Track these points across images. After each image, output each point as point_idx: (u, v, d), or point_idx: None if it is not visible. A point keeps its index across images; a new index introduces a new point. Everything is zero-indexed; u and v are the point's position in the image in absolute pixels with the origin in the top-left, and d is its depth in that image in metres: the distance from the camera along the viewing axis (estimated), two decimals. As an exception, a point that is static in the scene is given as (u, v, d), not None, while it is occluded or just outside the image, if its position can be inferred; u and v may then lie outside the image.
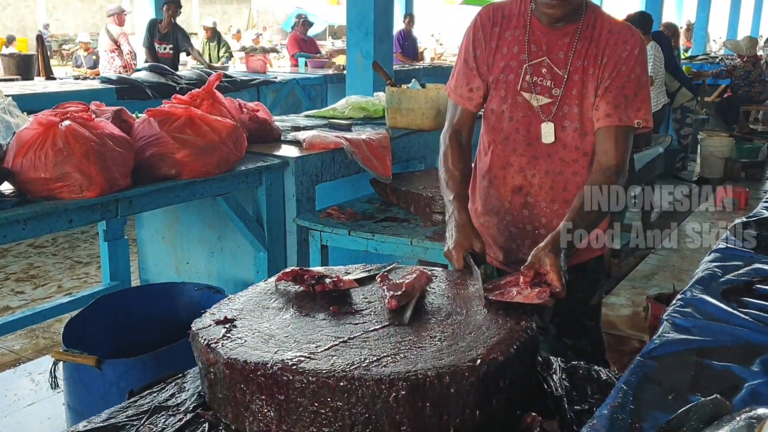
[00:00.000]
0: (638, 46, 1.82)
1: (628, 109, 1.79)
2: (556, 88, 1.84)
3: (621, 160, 1.79)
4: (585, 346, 2.00)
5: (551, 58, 1.84)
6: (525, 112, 1.88)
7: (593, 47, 1.82)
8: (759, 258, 1.76)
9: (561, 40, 1.84)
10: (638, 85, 1.80)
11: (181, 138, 2.70)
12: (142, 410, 1.36)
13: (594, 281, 2.03)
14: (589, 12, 1.85)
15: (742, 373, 1.20)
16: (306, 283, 1.59)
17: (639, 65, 1.81)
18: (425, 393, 1.20)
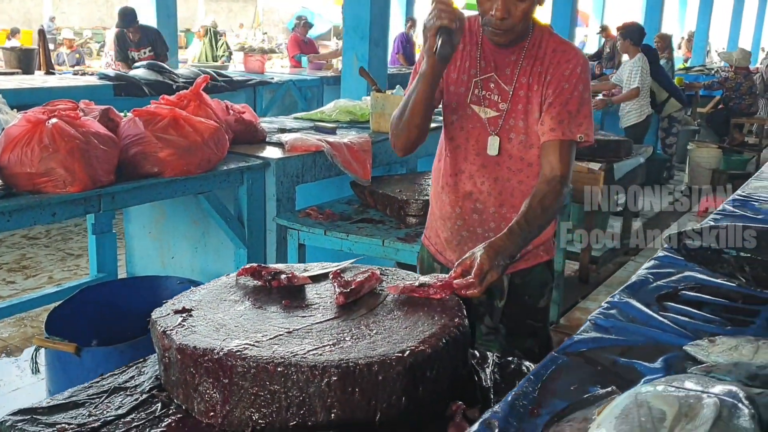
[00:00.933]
0: (581, 65, 1.93)
1: (571, 124, 1.90)
2: (503, 102, 1.97)
3: (564, 171, 1.90)
4: (532, 347, 2.11)
5: (499, 74, 1.97)
6: (474, 123, 2.01)
7: (538, 65, 1.94)
8: (692, 266, 1.88)
9: (508, 57, 1.96)
10: (581, 102, 1.91)
11: (165, 138, 2.83)
12: (103, 390, 1.49)
13: (541, 285, 2.14)
14: (537, 32, 1.97)
15: (643, 369, 1.32)
16: (263, 278, 1.71)
17: (582, 83, 1.92)
18: (355, 380, 1.32)
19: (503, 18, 1.83)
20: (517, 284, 2.11)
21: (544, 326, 2.18)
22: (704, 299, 1.69)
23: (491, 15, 1.84)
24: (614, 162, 4.85)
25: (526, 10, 1.85)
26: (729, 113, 9.59)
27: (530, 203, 1.85)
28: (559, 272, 4.24)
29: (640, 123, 6.49)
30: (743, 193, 2.79)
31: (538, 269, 2.12)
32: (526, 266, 2.09)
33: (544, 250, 2.12)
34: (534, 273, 2.11)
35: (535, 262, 2.11)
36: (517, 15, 1.84)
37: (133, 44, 7.64)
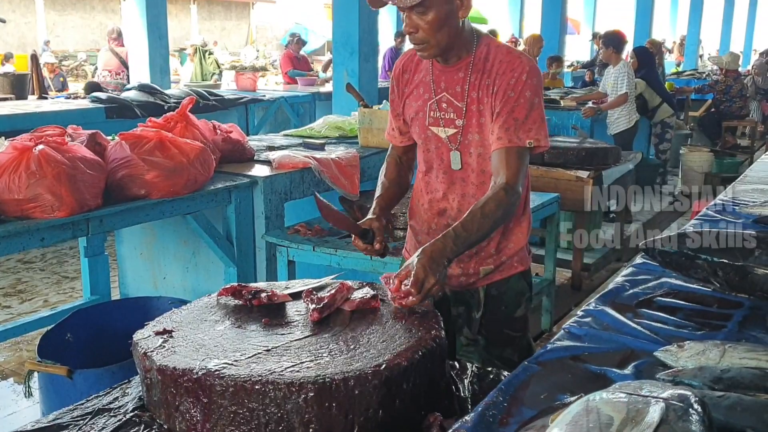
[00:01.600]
0: (526, 72, 1.92)
1: (518, 131, 1.91)
2: (459, 119, 2.01)
3: (512, 179, 1.89)
4: (511, 356, 2.14)
5: (450, 92, 2.01)
6: (437, 143, 2.07)
7: (485, 78, 1.96)
8: (668, 273, 1.91)
9: (456, 75, 2.00)
10: (529, 108, 1.91)
11: (151, 160, 2.87)
12: (87, 412, 1.51)
13: (518, 295, 2.16)
14: (482, 45, 1.99)
15: (614, 375, 1.34)
16: (244, 297, 1.74)
17: (529, 89, 1.92)
18: (331, 394, 1.34)
19: (411, 32, 1.88)
20: (494, 295, 2.14)
21: (523, 335, 2.20)
22: (679, 305, 1.72)
23: (405, 31, 1.91)
24: (603, 169, 4.88)
25: (432, 22, 1.85)
26: (720, 116, 9.64)
27: (472, 209, 1.87)
28: (550, 280, 4.27)
29: (629, 129, 6.53)
30: (726, 197, 2.83)
31: (514, 280, 2.15)
32: (500, 277, 2.13)
33: (518, 261, 2.14)
34: (509, 284, 2.15)
35: (509, 273, 2.14)
36: (425, 27, 1.86)
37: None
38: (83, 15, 25.47)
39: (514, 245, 2.11)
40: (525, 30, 13.06)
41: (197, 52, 9.82)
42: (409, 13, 1.86)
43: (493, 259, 2.11)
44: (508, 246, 2.12)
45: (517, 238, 2.12)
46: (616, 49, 6.49)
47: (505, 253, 2.11)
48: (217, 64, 10.14)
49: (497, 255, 2.11)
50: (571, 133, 6.20)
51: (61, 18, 25.21)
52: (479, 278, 2.13)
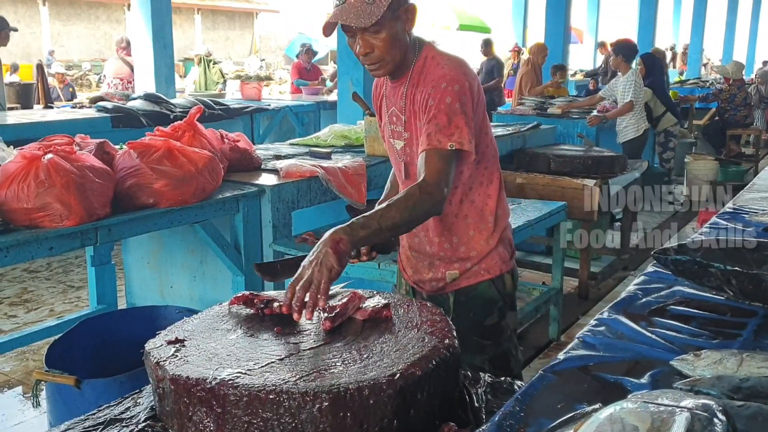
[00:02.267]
0: (446, 80, 1.93)
1: (438, 134, 1.91)
2: (405, 131, 2.08)
3: (429, 176, 1.88)
4: (481, 363, 2.14)
5: (397, 107, 2.08)
6: (395, 155, 2.17)
7: (418, 92, 2.00)
8: (681, 281, 1.90)
9: (399, 90, 2.06)
10: (451, 113, 1.91)
11: (159, 169, 2.87)
12: (98, 422, 1.50)
13: (487, 303, 2.17)
14: (421, 58, 2.02)
15: (630, 385, 1.33)
16: (255, 306, 1.73)
17: (449, 95, 1.92)
18: (346, 404, 1.33)
19: (367, 53, 1.91)
20: (462, 301, 2.18)
21: (494, 344, 2.19)
22: (692, 313, 1.70)
23: (358, 54, 1.93)
24: (609, 177, 4.88)
25: (386, 40, 1.90)
26: (725, 125, 9.64)
27: (392, 198, 1.88)
28: (558, 289, 4.26)
29: (637, 138, 6.53)
30: (734, 206, 2.82)
31: (482, 287, 2.16)
32: (467, 284, 2.17)
33: (485, 269, 2.16)
34: (477, 291, 2.17)
35: (476, 280, 2.16)
36: (380, 46, 1.90)
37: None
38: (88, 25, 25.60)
39: (477, 253, 2.14)
40: (528, 39, 13.08)
41: (202, 62, 9.86)
42: (362, 35, 1.90)
43: (458, 265, 2.16)
44: (469, 253, 2.15)
45: (477, 246, 2.15)
46: (626, 58, 6.50)
47: (468, 260, 2.15)
48: (221, 74, 10.17)
49: (460, 261, 2.16)
50: (577, 142, 6.20)
51: (66, 28, 25.33)
52: (447, 283, 2.18)
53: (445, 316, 1.70)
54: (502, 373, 2.09)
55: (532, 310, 4.04)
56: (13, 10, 22.57)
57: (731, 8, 21.03)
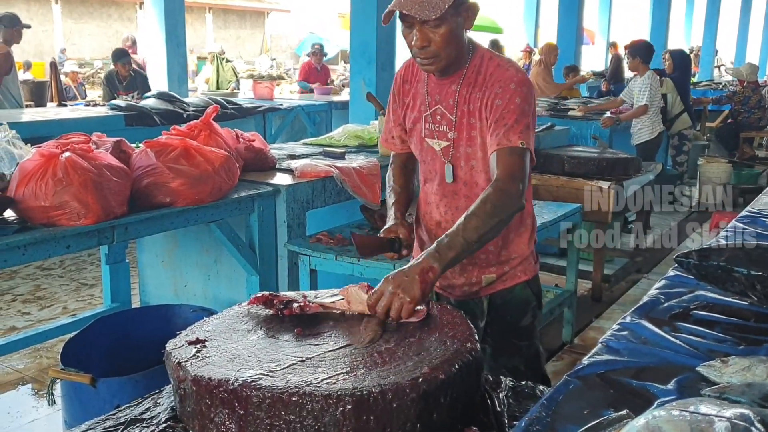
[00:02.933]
0: (513, 81, 1.92)
1: (508, 133, 1.88)
2: (451, 131, 2.03)
3: (502, 175, 1.86)
4: (518, 365, 2.14)
5: (443, 105, 2.03)
6: (432, 155, 2.10)
7: (477, 91, 1.96)
8: (703, 286, 1.88)
9: (449, 88, 2.01)
10: (519, 114, 1.90)
11: (176, 168, 2.87)
12: (119, 422, 1.50)
13: (523, 305, 2.16)
14: (476, 58, 1.99)
15: (656, 391, 1.32)
16: (275, 307, 1.72)
17: (518, 95, 1.90)
18: (369, 407, 1.32)
19: (423, 46, 1.87)
20: (498, 305, 2.16)
21: (529, 344, 2.20)
22: (716, 318, 1.69)
23: (414, 46, 1.89)
24: (623, 180, 4.85)
25: (445, 35, 1.85)
26: (738, 127, 9.58)
27: (469, 208, 1.84)
28: (572, 291, 4.23)
29: (652, 140, 6.48)
30: (753, 209, 2.79)
31: (518, 289, 2.15)
32: (503, 287, 2.14)
33: (522, 271, 2.14)
34: (514, 293, 2.15)
35: (513, 282, 2.15)
36: (437, 41, 1.86)
37: (122, 88, 7.71)
38: (100, 23, 25.68)
39: (517, 255, 2.12)
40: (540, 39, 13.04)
41: (215, 60, 9.90)
42: (421, 27, 1.85)
43: (496, 268, 2.12)
44: (511, 256, 2.12)
45: (518, 248, 2.13)
46: (643, 60, 6.45)
47: (507, 263, 2.12)
48: (234, 72, 10.19)
49: (499, 264, 2.12)
50: (591, 143, 6.17)
51: (78, 26, 25.41)
52: (482, 287, 2.14)
53: (465, 319, 1.69)
54: (536, 372, 2.09)
55: (546, 312, 4.02)
56: (26, 8, 22.66)
57: (744, 9, 20.91)
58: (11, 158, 2.73)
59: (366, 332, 1.61)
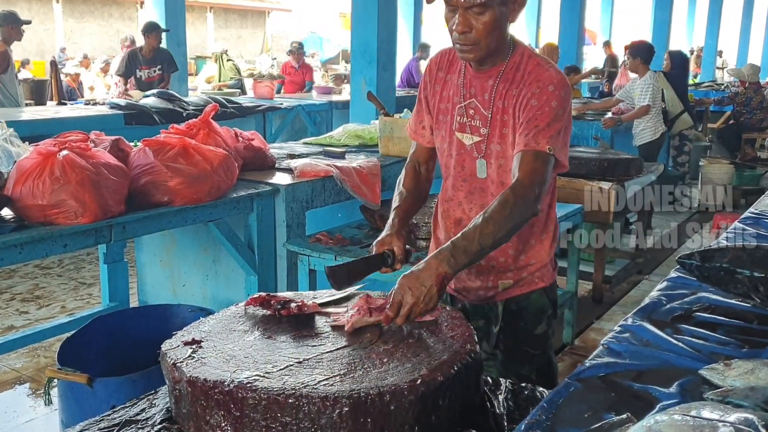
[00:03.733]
0: (552, 83, 1.86)
1: (537, 136, 1.83)
2: (484, 127, 1.96)
3: (523, 178, 1.81)
4: (529, 373, 2.08)
5: (478, 99, 1.95)
6: (459, 150, 2.01)
7: (514, 88, 1.90)
8: (705, 287, 1.86)
9: (486, 82, 1.94)
10: (553, 118, 1.84)
11: (174, 167, 2.85)
12: (114, 423, 1.48)
13: (538, 312, 2.10)
14: (517, 54, 1.93)
15: (658, 394, 1.30)
16: (272, 307, 1.70)
17: (554, 99, 1.85)
18: (366, 410, 1.30)
19: (464, 32, 1.80)
20: (513, 310, 2.09)
21: (542, 353, 2.14)
22: (718, 321, 1.67)
23: (455, 30, 1.82)
24: (625, 180, 4.83)
25: (488, 24, 1.79)
26: (740, 128, 9.55)
27: (485, 210, 1.78)
28: (572, 293, 4.21)
29: (654, 141, 6.45)
30: (756, 211, 2.77)
31: (535, 296, 2.09)
32: (520, 293, 2.08)
33: (540, 277, 2.08)
34: (530, 300, 2.08)
35: (529, 288, 2.08)
36: (479, 28, 1.79)
37: (144, 62, 7.73)
38: (101, 22, 25.65)
39: (537, 261, 2.06)
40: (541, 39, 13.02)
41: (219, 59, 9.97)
42: (465, 12, 1.78)
43: (513, 274, 2.06)
44: (530, 262, 2.06)
45: (539, 255, 2.06)
46: (644, 60, 6.42)
47: (526, 269, 2.06)
48: (236, 70, 10.24)
49: (517, 270, 2.06)
50: (592, 144, 6.15)
51: (79, 25, 25.37)
52: (498, 292, 2.08)
53: (465, 320, 1.67)
54: (547, 382, 2.02)
55: (546, 313, 4.00)
56: (27, 7, 22.65)
57: (746, 10, 20.87)
58: (8, 156, 2.71)
59: (364, 333, 1.59)
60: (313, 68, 12.08)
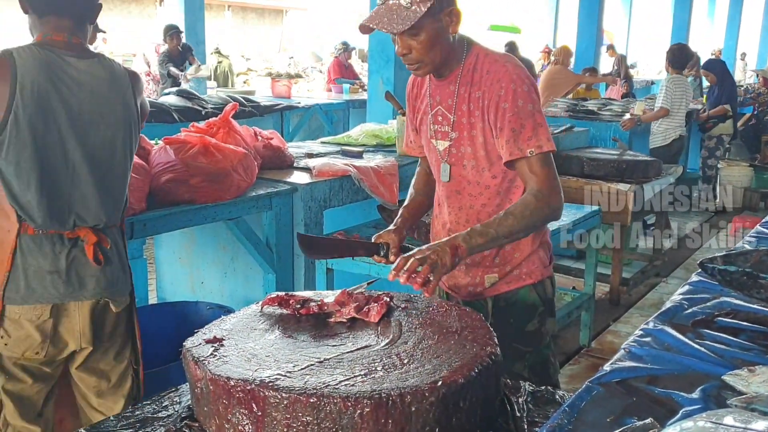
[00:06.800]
0: (512, 80, 1.91)
1: (518, 142, 1.91)
2: (452, 131, 2.03)
3: (542, 184, 1.91)
4: (521, 371, 2.11)
5: (444, 106, 2.04)
6: (436, 156, 2.11)
7: (475, 90, 1.97)
8: (727, 292, 1.85)
9: (447, 88, 2.02)
10: (523, 116, 1.90)
11: (195, 165, 2.87)
12: (135, 420, 1.49)
13: (528, 309, 2.14)
14: (471, 56, 1.99)
15: (681, 399, 1.29)
16: (291, 307, 1.71)
17: (520, 97, 1.91)
18: (388, 411, 1.31)
19: (404, 54, 1.90)
20: (501, 307, 2.14)
21: (535, 350, 2.16)
22: (741, 326, 1.65)
23: (397, 53, 1.92)
24: (644, 182, 4.80)
25: (425, 42, 1.87)
26: (760, 130, 9.45)
27: (508, 208, 1.92)
28: (590, 295, 4.20)
29: (664, 146, 6.35)
30: (778, 214, 2.75)
31: (523, 293, 2.13)
32: (507, 289, 2.13)
33: (527, 273, 2.12)
34: (518, 296, 2.13)
35: (516, 285, 2.13)
36: (418, 48, 1.88)
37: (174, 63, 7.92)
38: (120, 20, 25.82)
39: (520, 255, 2.10)
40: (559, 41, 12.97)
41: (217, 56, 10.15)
42: (401, 36, 1.88)
43: (498, 269, 2.11)
44: (514, 255, 2.10)
45: (520, 246, 2.10)
46: (671, 63, 6.37)
47: (509, 263, 2.10)
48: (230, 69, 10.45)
49: (502, 265, 2.11)
50: (610, 145, 6.11)
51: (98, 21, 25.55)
52: (486, 288, 2.13)
53: (485, 323, 1.67)
54: (541, 381, 2.04)
55: (563, 315, 3.98)
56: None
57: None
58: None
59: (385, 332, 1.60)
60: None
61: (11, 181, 2.03)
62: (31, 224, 2.06)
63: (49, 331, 2.12)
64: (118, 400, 2.31)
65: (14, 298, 2.08)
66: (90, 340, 2.19)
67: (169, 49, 8.10)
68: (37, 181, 2.04)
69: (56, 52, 2.06)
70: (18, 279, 2.07)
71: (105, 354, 2.28)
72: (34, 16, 2.12)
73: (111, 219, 2.21)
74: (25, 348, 2.11)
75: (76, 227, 2.12)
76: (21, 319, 2.08)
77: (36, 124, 2.01)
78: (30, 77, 1.99)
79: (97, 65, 2.14)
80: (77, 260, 2.13)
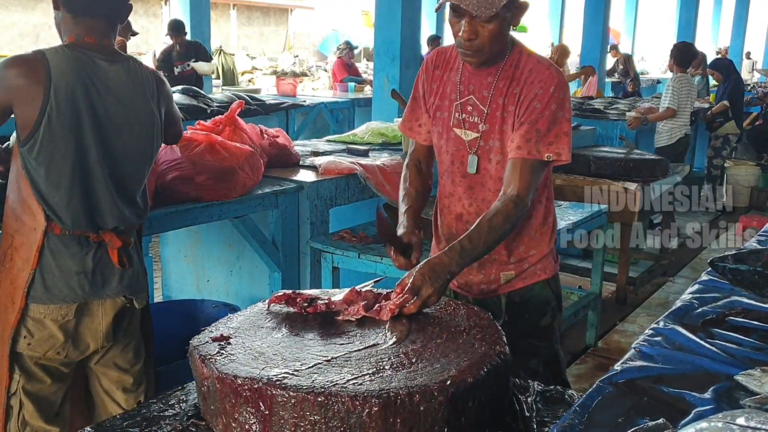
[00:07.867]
0: (554, 84, 1.91)
1: (539, 144, 1.90)
2: (482, 123, 2.00)
3: (522, 191, 1.89)
4: (536, 366, 2.10)
5: (477, 96, 2.00)
6: (458, 146, 2.06)
7: (514, 85, 1.95)
8: (738, 291, 1.83)
9: (485, 79, 1.99)
10: (552, 121, 1.90)
11: (201, 163, 2.86)
12: (142, 418, 1.48)
13: (542, 304, 2.14)
14: (515, 52, 1.98)
15: (693, 399, 1.27)
16: (298, 305, 1.70)
17: (555, 102, 1.90)
18: (396, 410, 1.30)
19: (470, 39, 1.86)
20: (516, 303, 2.13)
21: (548, 345, 2.16)
22: (752, 325, 1.63)
23: (460, 36, 1.87)
24: (651, 181, 4.78)
25: (494, 32, 1.85)
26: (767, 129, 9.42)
27: (480, 220, 1.87)
28: (596, 294, 4.18)
29: (670, 146, 6.31)
30: (787, 214, 2.73)
31: (537, 288, 2.13)
32: (523, 285, 2.12)
33: (541, 269, 2.12)
34: (533, 292, 2.12)
35: (531, 281, 2.12)
36: (485, 36, 1.85)
37: (178, 57, 7.87)
38: (125, 19, 25.88)
39: (537, 253, 2.10)
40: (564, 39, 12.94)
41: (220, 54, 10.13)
42: (471, 20, 1.84)
43: (515, 266, 2.10)
44: (530, 253, 2.10)
45: (539, 245, 2.11)
46: (677, 61, 6.33)
47: (527, 260, 2.10)
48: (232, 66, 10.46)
49: (518, 262, 2.10)
50: (617, 144, 6.09)
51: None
52: (500, 285, 2.11)
53: (494, 321, 1.66)
54: (555, 375, 2.04)
55: (570, 314, 3.97)
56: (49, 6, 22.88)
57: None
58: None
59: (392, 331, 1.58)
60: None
61: (39, 182, 2.03)
62: (59, 224, 2.06)
63: (72, 331, 2.12)
64: (139, 396, 2.32)
65: (39, 297, 2.08)
66: (110, 338, 2.21)
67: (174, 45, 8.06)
68: (68, 183, 2.04)
69: (88, 55, 2.05)
70: (44, 278, 2.07)
71: (125, 351, 2.29)
72: (67, 15, 2.10)
73: (129, 223, 2.21)
74: (47, 348, 2.12)
75: (100, 230, 2.13)
76: (45, 318, 2.09)
77: (68, 127, 2.01)
78: (64, 80, 1.99)
79: (126, 71, 2.13)
80: (103, 261, 2.15)
